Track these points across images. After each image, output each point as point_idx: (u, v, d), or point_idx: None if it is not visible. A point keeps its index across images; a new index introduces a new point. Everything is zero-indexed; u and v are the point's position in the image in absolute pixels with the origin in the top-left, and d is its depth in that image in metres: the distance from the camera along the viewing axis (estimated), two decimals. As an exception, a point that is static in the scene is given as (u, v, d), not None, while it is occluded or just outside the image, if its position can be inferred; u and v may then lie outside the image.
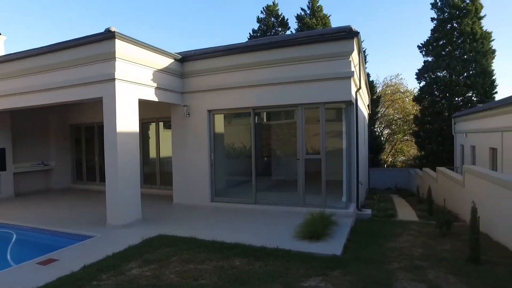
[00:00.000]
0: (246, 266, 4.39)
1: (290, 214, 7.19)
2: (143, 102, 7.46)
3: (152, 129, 11.21)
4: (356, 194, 7.80)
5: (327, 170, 7.39)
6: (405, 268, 4.42)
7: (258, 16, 24.13)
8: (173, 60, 8.22)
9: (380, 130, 27.26)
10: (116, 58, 6.51)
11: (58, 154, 12.30)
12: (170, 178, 9.26)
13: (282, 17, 23.90)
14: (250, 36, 23.99)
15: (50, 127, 12.20)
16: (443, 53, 19.17)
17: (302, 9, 22.81)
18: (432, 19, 19.89)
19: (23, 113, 10.57)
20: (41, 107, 8.57)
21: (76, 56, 6.95)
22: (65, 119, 12.55)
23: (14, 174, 10.67)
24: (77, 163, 12.77)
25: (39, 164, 11.72)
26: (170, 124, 9.20)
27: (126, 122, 6.73)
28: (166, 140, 10.43)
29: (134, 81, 6.99)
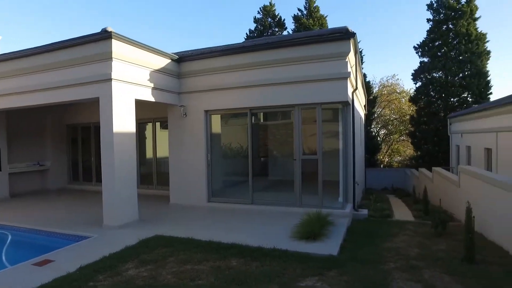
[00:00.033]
0: (243, 267, 4.39)
1: (287, 214, 7.20)
2: (140, 102, 7.45)
3: (148, 129, 11.18)
4: (352, 194, 7.84)
5: (324, 170, 7.42)
6: (401, 268, 4.45)
7: (255, 16, 24.14)
8: (170, 60, 8.21)
9: (376, 130, 27.39)
10: (112, 58, 6.49)
11: (54, 154, 12.24)
12: (167, 179, 9.25)
13: (279, 17, 23.89)
14: (247, 36, 23.98)
15: (46, 127, 12.13)
16: (439, 54, 19.29)
17: (299, 9, 22.84)
18: (428, 20, 20.01)
19: (19, 113, 10.51)
20: (37, 107, 8.51)
21: (72, 56, 6.92)
22: (61, 119, 12.49)
23: (10, 174, 10.60)
24: (73, 164, 12.71)
25: (35, 164, 11.65)
26: (167, 124, 9.19)
27: (123, 122, 6.71)
28: (162, 140, 10.41)
29: (131, 81, 6.98)
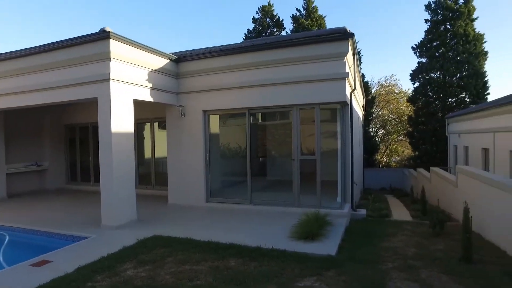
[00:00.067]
0: (241, 267, 4.40)
1: (285, 215, 7.21)
2: (138, 102, 7.44)
3: (147, 129, 11.17)
4: (350, 194, 7.85)
5: (322, 170, 7.43)
6: (398, 267, 4.46)
7: (253, 16, 24.17)
8: (168, 60, 8.20)
9: (374, 130, 27.45)
10: (111, 58, 6.48)
11: (52, 155, 12.21)
12: (165, 179, 9.24)
13: (277, 17, 23.92)
14: (245, 36, 23.99)
15: (44, 127, 12.10)
16: (437, 54, 19.36)
17: (297, 9, 22.91)
18: (426, 21, 20.08)
19: (17, 113, 10.47)
20: (35, 107, 8.50)
21: (70, 56, 6.90)
22: (59, 119, 12.46)
23: (7, 174, 10.56)
24: (71, 164, 12.68)
25: (33, 164, 11.62)
26: (165, 124, 9.18)
27: (121, 123, 6.70)
28: (161, 140, 10.40)
29: (129, 81, 6.97)
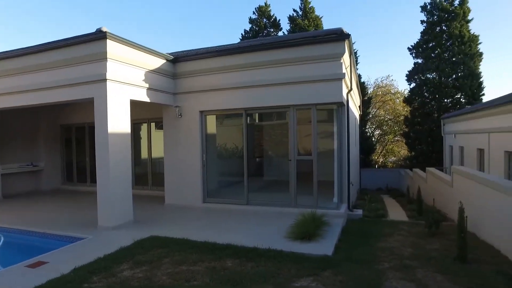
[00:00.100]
0: (238, 267, 4.41)
1: (282, 215, 7.23)
2: (135, 102, 7.42)
3: (143, 129, 11.14)
4: (347, 194, 7.89)
5: (319, 170, 7.45)
6: (394, 267, 4.49)
7: (250, 17, 24.17)
8: (165, 60, 8.19)
9: (371, 131, 27.55)
10: (107, 58, 6.45)
11: (47, 155, 12.13)
12: (162, 179, 9.22)
13: (274, 18, 23.92)
14: (242, 37, 23.98)
15: (39, 128, 12.02)
16: (433, 55, 19.49)
17: (294, 10, 22.89)
18: (422, 22, 20.21)
19: (12, 113, 10.40)
20: (30, 107, 8.45)
21: (67, 56, 6.86)
22: (55, 120, 12.39)
23: (2, 175, 10.46)
24: (67, 164, 12.61)
25: (28, 165, 11.54)
26: (162, 124, 9.16)
27: (118, 123, 6.68)
28: (158, 140, 10.37)
29: (126, 81, 6.95)
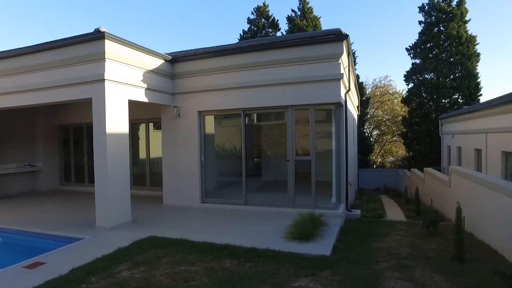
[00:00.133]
0: (236, 267, 4.41)
1: (280, 215, 7.23)
2: (133, 102, 7.41)
3: (142, 129, 11.13)
4: (345, 194, 7.91)
5: (317, 171, 7.47)
6: (392, 267, 4.51)
7: (249, 17, 24.16)
8: (163, 61, 8.18)
9: (369, 131, 27.59)
10: (105, 58, 6.45)
11: (45, 155, 12.09)
12: (160, 179, 9.21)
13: (272, 18, 23.93)
14: (240, 37, 23.98)
15: (37, 128, 11.99)
16: (431, 55, 19.54)
17: (292, 10, 22.91)
18: (419, 22, 20.27)
19: (9, 113, 10.36)
20: (28, 108, 8.42)
21: (65, 56, 6.85)
22: (53, 120, 12.35)
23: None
24: (65, 164, 12.58)
25: (26, 165, 11.50)
26: (160, 124, 9.16)
27: (116, 123, 6.67)
28: (156, 141, 10.37)
29: (124, 82, 6.94)
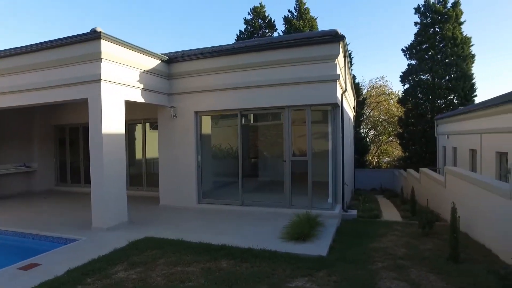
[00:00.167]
0: (233, 268, 4.41)
1: (277, 216, 7.25)
2: (129, 103, 7.39)
3: (138, 130, 11.09)
4: (341, 195, 7.94)
5: (313, 171, 7.48)
6: (388, 267, 4.53)
7: (245, 17, 24.19)
8: (159, 61, 8.17)
9: (365, 131, 27.72)
10: (102, 58, 6.43)
11: (41, 156, 12.00)
12: (156, 180, 9.19)
13: (269, 18, 23.98)
14: (237, 37, 23.99)
15: (33, 128, 11.90)
16: (426, 56, 19.68)
17: (289, 11, 22.98)
18: (415, 24, 20.42)
19: (5, 113, 10.27)
20: (24, 108, 8.36)
21: (61, 56, 6.82)
22: (48, 120, 12.26)
23: (-6, 176, 10.39)
24: (61, 165, 12.49)
25: (21, 165, 11.41)
26: (156, 125, 9.13)
27: (112, 123, 6.65)
28: (152, 141, 10.34)
29: (120, 82, 6.92)
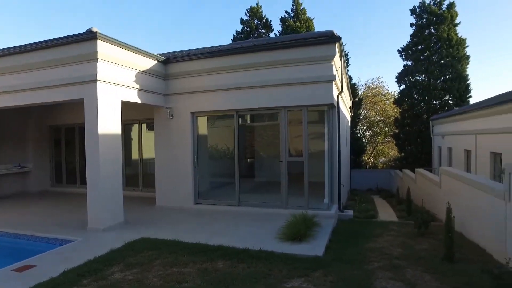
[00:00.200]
0: (229, 268, 4.41)
1: (273, 216, 7.25)
2: (126, 103, 7.36)
3: (134, 130, 11.05)
4: (338, 195, 7.97)
5: (310, 172, 7.51)
6: (384, 267, 4.56)
7: (242, 18, 24.16)
8: (156, 61, 8.15)
9: (362, 132, 27.79)
10: (98, 59, 6.41)
11: (36, 156, 11.93)
12: (152, 180, 9.17)
13: (265, 19, 23.96)
14: (233, 38, 23.95)
15: (28, 129, 11.82)
16: (422, 57, 19.77)
17: (286, 11, 22.96)
18: (411, 25, 20.50)
19: (1, 113, 10.20)
20: (19, 108, 8.30)
21: (57, 56, 6.79)
22: (44, 120, 12.19)
23: (-11, 177, 10.31)
24: (56, 165, 12.42)
25: (16, 166, 11.33)
26: (153, 125, 9.12)
27: (108, 124, 6.63)
28: (149, 141, 10.32)
29: (117, 82, 6.90)
